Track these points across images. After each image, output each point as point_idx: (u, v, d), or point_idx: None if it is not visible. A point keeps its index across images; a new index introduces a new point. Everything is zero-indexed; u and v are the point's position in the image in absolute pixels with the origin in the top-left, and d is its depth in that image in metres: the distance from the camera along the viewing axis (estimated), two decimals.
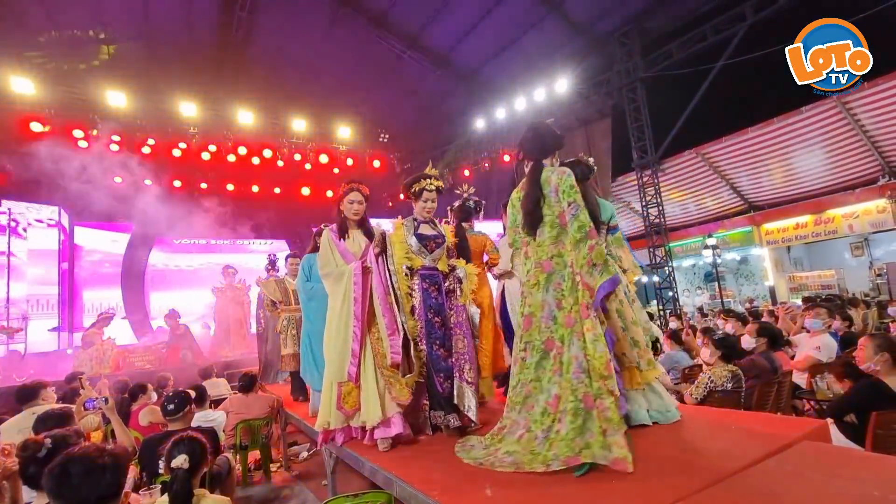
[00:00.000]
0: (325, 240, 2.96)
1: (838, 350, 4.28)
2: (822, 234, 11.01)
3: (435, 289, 2.89)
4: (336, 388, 2.70)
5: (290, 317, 4.85)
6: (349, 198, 2.98)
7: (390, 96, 11.95)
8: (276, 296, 4.94)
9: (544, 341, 2.11)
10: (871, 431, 2.48)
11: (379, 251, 2.89)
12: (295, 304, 4.82)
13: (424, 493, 1.96)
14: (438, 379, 2.75)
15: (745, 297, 13.00)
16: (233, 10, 9.01)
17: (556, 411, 2.00)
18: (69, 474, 1.39)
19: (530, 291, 2.20)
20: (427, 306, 2.84)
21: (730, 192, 11.93)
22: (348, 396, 2.70)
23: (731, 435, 2.28)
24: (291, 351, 4.70)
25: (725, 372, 3.34)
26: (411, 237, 2.91)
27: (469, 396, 2.72)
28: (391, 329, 2.71)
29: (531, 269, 2.21)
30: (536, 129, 2.39)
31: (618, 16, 9.96)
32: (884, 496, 1.57)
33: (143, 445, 2.93)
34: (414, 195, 3.01)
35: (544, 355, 2.09)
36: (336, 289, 2.84)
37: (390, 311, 2.75)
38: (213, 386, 5.35)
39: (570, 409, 1.95)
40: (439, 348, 2.80)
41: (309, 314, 3.81)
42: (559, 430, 1.96)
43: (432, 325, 2.82)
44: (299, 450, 4.88)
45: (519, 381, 2.20)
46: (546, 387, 2.07)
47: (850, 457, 2.08)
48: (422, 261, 2.90)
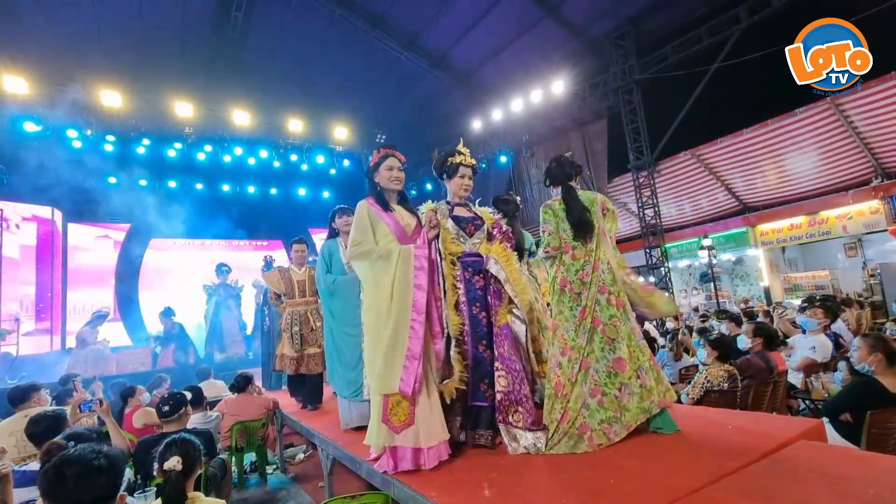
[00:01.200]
0: (364, 212, 2.44)
1: (833, 350, 4.31)
2: (817, 235, 11.08)
3: (480, 278, 2.52)
4: (381, 397, 2.26)
5: (294, 312, 4.30)
6: (386, 164, 2.52)
7: (387, 97, 11.94)
8: (279, 288, 4.41)
9: (592, 321, 2.44)
10: (866, 430, 2.50)
11: (435, 234, 2.41)
12: (300, 297, 4.33)
13: (422, 494, 1.95)
14: (483, 386, 2.40)
15: (741, 298, 13.06)
16: (229, 10, 8.98)
17: (627, 370, 2.35)
18: (64, 476, 1.38)
19: (583, 285, 2.49)
20: (471, 299, 2.47)
21: (725, 194, 11.99)
22: (397, 407, 2.21)
23: (728, 434, 2.29)
24: (291, 353, 4.16)
25: (722, 372, 3.36)
26: (447, 220, 2.57)
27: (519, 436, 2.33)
28: (434, 330, 2.34)
29: (580, 268, 2.52)
30: (560, 161, 2.71)
31: (614, 18, 10.01)
32: (879, 495, 1.58)
33: (138, 447, 2.91)
34: (448, 172, 2.67)
35: (593, 331, 2.43)
36: (380, 272, 2.31)
37: (438, 307, 2.36)
38: (210, 387, 5.30)
39: (647, 367, 2.39)
40: (485, 349, 2.44)
41: (333, 310, 3.32)
42: (644, 384, 2.35)
43: (478, 321, 2.45)
44: (295, 451, 4.85)
45: (569, 360, 2.40)
46: (602, 355, 2.40)
47: (846, 456, 2.09)
48: (462, 246, 2.56)
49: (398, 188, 2.55)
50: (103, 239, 10.61)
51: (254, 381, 4.60)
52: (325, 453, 3.05)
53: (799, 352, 4.38)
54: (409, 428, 2.18)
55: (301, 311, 4.31)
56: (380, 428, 2.22)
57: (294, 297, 4.34)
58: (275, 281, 4.46)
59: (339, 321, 3.25)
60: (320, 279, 3.38)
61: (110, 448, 1.54)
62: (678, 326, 7.36)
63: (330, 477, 3.03)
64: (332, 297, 3.30)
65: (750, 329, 4.24)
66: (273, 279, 4.49)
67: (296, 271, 4.46)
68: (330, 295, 3.31)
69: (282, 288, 4.40)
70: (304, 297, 4.36)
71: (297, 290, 4.36)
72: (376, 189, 2.54)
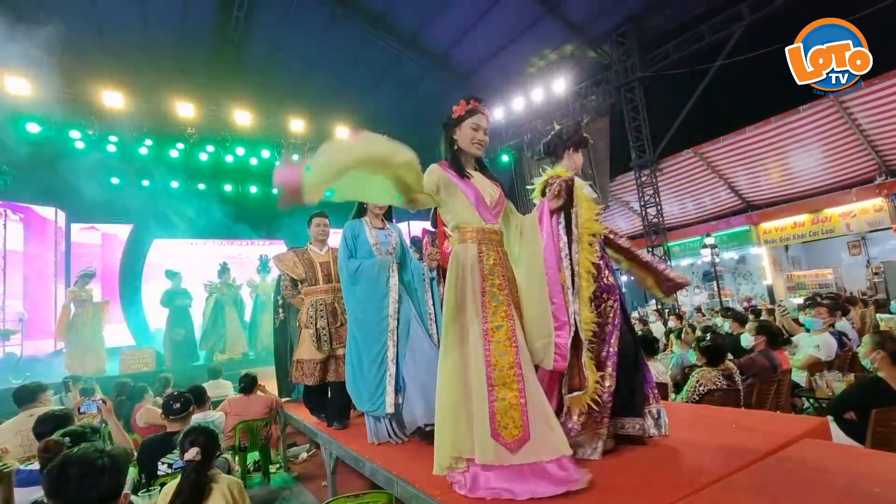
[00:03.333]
0: (436, 176, 1.99)
1: (837, 349, 4.29)
2: (820, 234, 11.04)
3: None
4: (487, 404, 1.79)
5: (318, 303, 3.37)
6: (472, 122, 2.02)
7: (388, 96, 11.94)
8: (296, 272, 3.51)
9: None
10: (870, 429, 2.49)
11: (560, 205, 1.99)
12: (325, 282, 3.44)
13: (426, 493, 1.95)
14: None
15: (743, 296, 13.03)
16: (230, 10, 8.99)
17: None
18: (67, 476, 1.38)
19: None
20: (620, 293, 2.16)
21: (728, 192, 11.96)
22: (506, 416, 1.77)
23: (733, 433, 2.28)
24: (314, 355, 3.27)
25: (714, 373, 3.34)
26: (587, 193, 2.15)
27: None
28: (560, 320, 1.90)
29: None
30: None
31: (615, 16, 9.99)
32: (884, 493, 1.57)
33: (142, 447, 2.92)
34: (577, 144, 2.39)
35: None
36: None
37: (562, 295, 1.92)
38: (217, 387, 5.29)
39: None
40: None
41: (358, 297, 2.78)
42: None
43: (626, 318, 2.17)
44: (298, 451, 4.86)
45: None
46: None
47: (851, 454, 2.08)
48: (605, 226, 2.15)
49: (478, 154, 2.09)
50: (106, 239, 10.64)
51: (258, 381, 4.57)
52: (328, 452, 3.05)
53: (803, 350, 4.37)
54: (526, 444, 1.76)
55: (327, 301, 3.38)
56: (488, 446, 1.77)
57: (317, 282, 3.44)
58: (290, 264, 3.54)
59: (365, 313, 2.76)
60: (342, 264, 2.87)
61: (114, 448, 1.54)
62: (680, 325, 7.34)
63: (333, 476, 3.03)
64: (356, 284, 2.80)
65: (753, 327, 4.22)
66: (287, 262, 3.57)
67: (316, 251, 3.57)
68: (353, 283, 2.81)
69: (299, 272, 3.48)
70: (328, 282, 3.45)
71: (319, 275, 3.45)
72: (452, 148, 2.07)
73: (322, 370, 3.28)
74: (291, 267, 3.52)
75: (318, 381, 3.25)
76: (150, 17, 8.87)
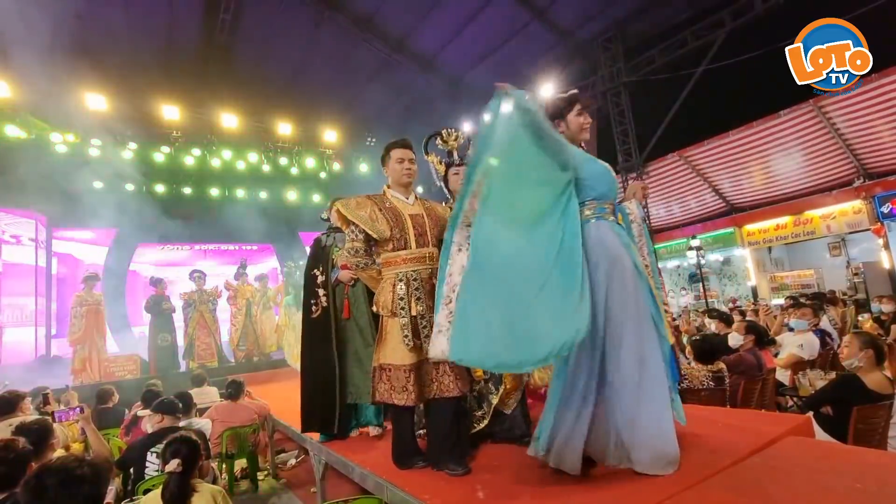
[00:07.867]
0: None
1: (819, 347, 4.37)
2: (802, 235, 11.26)
3: None
4: None
5: (409, 276, 2.23)
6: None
7: (377, 99, 11.92)
8: (378, 229, 2.24)
9: None
10: (852, 426, 2.54)
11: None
12: (419, 246, 2.26)
13: (415, 497, 1.94)
14: None
15: (728, 297, 13.22)
16: (216, 12, 8.91)
17: None
18: (45, 486, 1.34)
19: None
20: None
21: (712, 195, 12.15)
22: None
23: (718, 431, 2.31)
24: (402, 359, 2.17)
25: (704, 372, 3.38)
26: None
27: None
28: None
29: None
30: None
31: (601, 21, 10.13)
32: (865, 488, 1.60)
33: (128, 450, 2.91)
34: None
35: None
36: None
37: None
38: (203, 394, 5.20)
39: None
40: None
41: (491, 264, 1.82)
42: None
43: None
44: (287, 457, 4.80)
45: None
46: None
47: (833, 451, 2.12)
48: None
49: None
50: (89, 245, 10.42)
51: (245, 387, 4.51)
52: (317, 458, 3.02)
53: (787, 349, 4.44)
54: None
55: (422, 276, 2.25)
56: None
57: (408, 245, 2.25)
58: (362, 216, 2.27)
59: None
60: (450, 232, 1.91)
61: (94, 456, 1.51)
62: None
63: (322, 482, 3.00)
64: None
65: (741, 326, 4.29)
66: (361, 210, 2.28)
67: (401, 199, 2.37)
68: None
69: (381, 229, 2.24)
70: (422, 245, 2.27)
71: (411, 234, 2.27)
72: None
73: (418, 383, 2.15)
74: (368, 220, 2.25)
75: (415, 399, 2.13)
76: (134, 19, 8.75)
